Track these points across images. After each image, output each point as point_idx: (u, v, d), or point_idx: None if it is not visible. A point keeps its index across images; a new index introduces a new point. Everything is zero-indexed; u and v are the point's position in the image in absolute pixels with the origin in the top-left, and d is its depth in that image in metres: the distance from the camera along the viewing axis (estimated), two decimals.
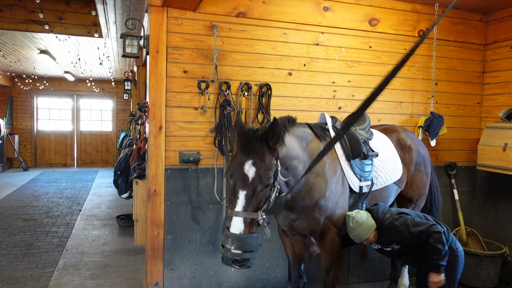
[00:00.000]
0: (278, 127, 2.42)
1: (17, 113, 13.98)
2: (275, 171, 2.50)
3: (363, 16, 4.17)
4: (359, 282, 4.36)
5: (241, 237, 2.35)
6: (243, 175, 2.42)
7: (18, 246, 5.46)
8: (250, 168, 2.41)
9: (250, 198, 2.41)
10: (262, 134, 2.47)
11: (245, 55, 3.81)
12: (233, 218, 2.40)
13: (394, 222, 2.78)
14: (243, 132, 2.54)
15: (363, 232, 2.80)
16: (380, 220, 2.83)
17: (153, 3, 3.47)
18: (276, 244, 3.97)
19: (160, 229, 3.65)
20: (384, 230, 2.81)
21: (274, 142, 2.46)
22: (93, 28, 6.22)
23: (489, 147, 4.22)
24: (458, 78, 4.65)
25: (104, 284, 4.30)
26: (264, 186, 2.42)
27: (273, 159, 2.49)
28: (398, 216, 2.81)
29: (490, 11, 4.60)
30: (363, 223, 2.80)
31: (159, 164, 3.60)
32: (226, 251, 2.36)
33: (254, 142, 2.45)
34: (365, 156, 3.18)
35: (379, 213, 2.87)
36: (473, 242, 4.63)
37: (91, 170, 13.84)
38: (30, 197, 8.74)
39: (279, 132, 2.44)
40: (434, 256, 2.66)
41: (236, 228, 2.38)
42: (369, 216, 2.85)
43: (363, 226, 2.79)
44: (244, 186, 2.41)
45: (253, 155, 2.43)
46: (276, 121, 2.41)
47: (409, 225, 2.74)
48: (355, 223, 2.81)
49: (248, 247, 2.36)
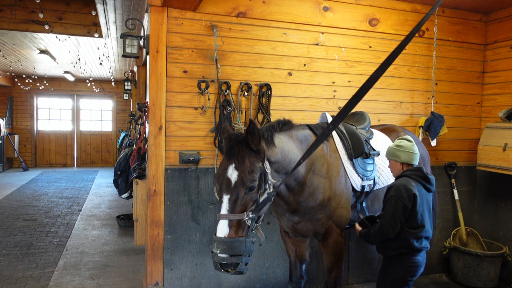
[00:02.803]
0: (255, 128, 2.40)
1: (17, 113, 13.98)
2: (262, 174, 2.48)
3: (363, 16, 4.17)
4: (359, 282, 4.36)
5: (226, 241, 2.32)
6: (226, 179, 2.42)
7: (18, 246, 5.46)
8: (233, 172, 2.41)
9: (234, 202, 2.40)
10: (242, 138, 2.47)
11: (245, 55, 3.81)
12: (219, 222, 2.39)
13: (390, 189, 2.70)
14: (227, 137, 2.55)
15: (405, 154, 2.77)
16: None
17: (153, 3, 3.47)
18: (276, 244, 3.98)
19: (160, 229, 3.65)
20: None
21: (256, 143, 2.44)
22: (93, 28, 6.22)
23: (489, 147, 4.22)
24: (458, 78, 4.65)
25: (104, 284, 4.29)
26: (248, 189, 2.40)
27: (258, 161, 2.47)
28: (394, 193, 2.66)
29: (490, 11, 4.60)
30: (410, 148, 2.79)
31: (159, 164, 3.60)
32: (213, 255, 2.35)
33: (235, 146, 2.45)
34: (367, 155, 3.18)
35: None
36: (473, 242, 4.62)
37: (91, 170, 13.84)
38: (30, 197, 8.74)
39: (258, 133, 2.42)
40: (371, 230, 2.71)
41: (222, 232, 2.36)
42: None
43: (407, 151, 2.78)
44: (228, 190, 2.41)
45: (234, 159, 2.42)
46: (253, 123, 2.39)
47: (387, 202, 2.68)
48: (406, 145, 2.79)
49: (234, 251, 2.32)
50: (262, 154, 2.51)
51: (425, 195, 2.69)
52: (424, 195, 2.69)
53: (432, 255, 4.54)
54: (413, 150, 2.78)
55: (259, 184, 2.46)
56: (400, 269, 2.70)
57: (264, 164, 2.51)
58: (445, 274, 4.69)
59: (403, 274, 2.69)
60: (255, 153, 2.46)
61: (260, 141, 2.46)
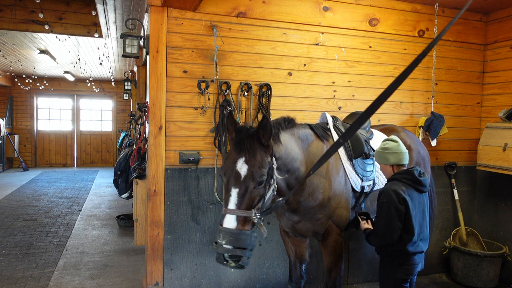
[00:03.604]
0: (268, 123, 2.41)
1: (17, 113, 13.98)
2: (270, 169, 2.48)
3: (363, 16, 4.17)
4: (359, 282, 4.36)
5: (233, 232, 2.32)
6: (235, 172, 2.41)
7: (18, 246, 5.46)
8: (243, 166, 2.40)
9: (242, 196, 2.38)
10: (253, 132, 2.47)
11: (245, 55, 3.81)
12: (226, 216, 2.38)
13: (385, 190, 2.68)
14: (235, 130, 2.54)
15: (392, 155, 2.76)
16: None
17: (153, 3, 3.47)
18: (276, 244, 3.98)
19: (160, 229, 3.65)
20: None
21: (266, 138, 2.45)
22: (93, 28, 6.22)
23: (489, 147, 4.21)
24: (458, 78, 4.65)
25: (104, 284, 4.29)
26: (257, 184, 2.40)
27: (267, 156, 2.48)
28: (387, 195, 2.64)
29: (490, 11, 4.60)
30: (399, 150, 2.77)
31: (159, 164, 3.60)
32: (218, 246, 2.33)
33: (246, 139, 2.44)
34: (366, 156, 3.18)
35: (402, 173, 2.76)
36: (473, 242, 4.62)
37: (91, 170, 13.84)
38: (30, 197, 8.74)
39: (270, 128, 2.43)
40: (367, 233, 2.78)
41: (229, 223, 2.35)
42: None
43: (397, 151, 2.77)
44: (237, 183, 2.39)
45: (245, 153, 2.42)
46: (266, 118, 2.40)
47: (379, 206, 2.68)
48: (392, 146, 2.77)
49: (240, 243, 2.31)
50: (271, 149, 2.52)
51: (417, 197, 2.67)
52: (416, 198, 2.67)
53: (432, 255, 4.54)
54: (400, 150, 2.76)
55: (267, 178, 2.46)
56: (398, 270, 2.70)
57: (272, 159, 2.52)
58: (445, 274, 4.69)
59: (401, 274, 2.70)
60: (265, 147, 2.47)
61: (271, 136, 2.46)
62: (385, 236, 2.63)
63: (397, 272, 2.70)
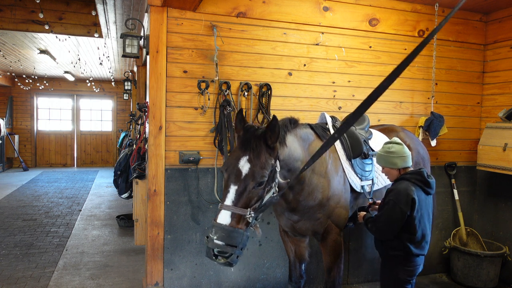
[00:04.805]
0: (277, 125, 2.41)
1: (17, 113, 13.98)
2: (272, 171, 2.47)
3: (363, 16, 4.17)
4: (359, 282, 4.36)
5: (226, 229, 2.31)
6: (237, 170, 2.41)
7: (18, 246, 5.46)
8: (245, 164, 2.40)
9: (240, 194, 2.38)
10: (261, 133, 2.47)
11: (245, 55, 3.81)
12: (221, 211, 2.38)
13: (392, 191, 2.68)
14: (243, 128, 2.54)
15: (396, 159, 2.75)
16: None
17: (153, 3, 3.47)
18: (276, 244, 3.98)
19: (160, 229, 3.65)
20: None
21: (273, 141, 2.45)
22: (93, 28, 6.22)
23: (489, 147, 4.21)
24: (458, 78, 4.65)
25: (104, 284, 4.30)
26: (257, 184, 2.39)
27: (271, 158, 2.47)
28: (394, 195, 2.65)
29: (490, 11, 4.60)
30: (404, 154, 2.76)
31: (159, 164, 3.60)
32: (209, 241, 2.33)
33: (252, 139, 2.44)
34: (365, 156, 3.18)
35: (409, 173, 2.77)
36: (473, 242, 4.62)
37: (91, 170, 13.84)
38: (30, 197, 8.74)
39: (278, 131, 2.43)
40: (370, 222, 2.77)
41: (223, 219, 2.35)
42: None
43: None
44: (237, 181, 2.40)
45: (249, 152, 2.42)
46: (276, 120, 2.40)
47: (386, 204, 2.68)
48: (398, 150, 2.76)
49: (231, 241, 2.30)
50: (276, 152, 2.52)
51: (424, 199, 2.68)
52: (423, 199, 2.67)
53: (432, 255, 4.54)
54: (406, 153, 2.76)
55: (267, 180, 2.45)
56: (401, 271, 2.70)
57: (276, 162, 2.52)
58: (445, 274, 4.69)
59: (404, 275, 2.70)
60: (270, 149, 2.47)
61: (278, 138, 2.46)
62: (382, 231, 2.66)
63: (399, 273, 2.70)
